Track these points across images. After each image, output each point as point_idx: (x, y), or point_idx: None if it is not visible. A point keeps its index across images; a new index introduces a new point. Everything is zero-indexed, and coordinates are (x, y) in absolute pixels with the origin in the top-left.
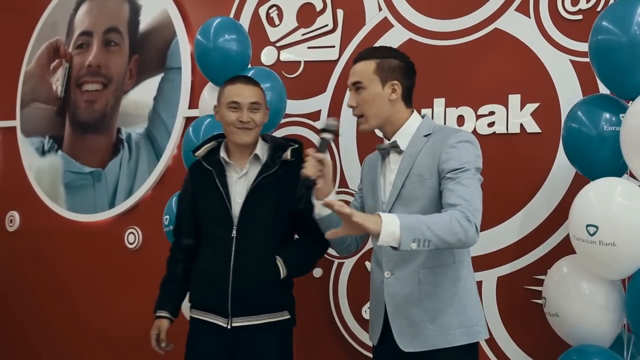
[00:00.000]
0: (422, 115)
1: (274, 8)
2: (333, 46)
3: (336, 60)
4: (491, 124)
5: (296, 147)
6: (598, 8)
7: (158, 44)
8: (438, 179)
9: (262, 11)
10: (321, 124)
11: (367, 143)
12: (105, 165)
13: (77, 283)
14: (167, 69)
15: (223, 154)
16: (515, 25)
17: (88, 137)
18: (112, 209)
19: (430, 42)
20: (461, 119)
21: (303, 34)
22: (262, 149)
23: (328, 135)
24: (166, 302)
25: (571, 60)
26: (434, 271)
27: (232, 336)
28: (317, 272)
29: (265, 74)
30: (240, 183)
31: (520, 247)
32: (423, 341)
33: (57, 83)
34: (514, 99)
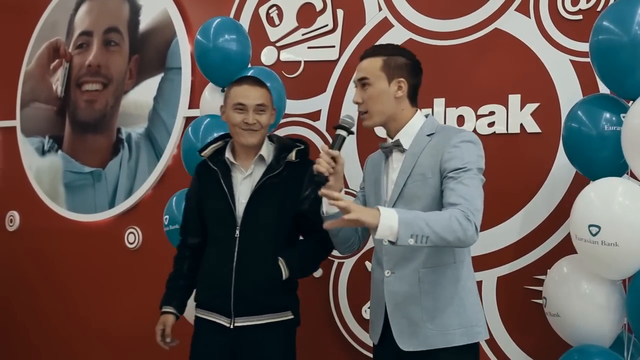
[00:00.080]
0: (426, 114)
1: (274, 8)
2: (333, 46)
3: (336, 60)
4: (491, 124)
5: (302, 148)
6: (598, 8)
7: (158, 44)
8: (440, 178)
9: (262, 11)
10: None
11: (367, 143)
12: (105, 165)
13: (77, 283)
14: (167, 69)
15: (228, 155)
16: (515, 25)
17: (88, 137)
18: (112, 209)
19: (430, 42)
20: (461, 119)
21: (303, 34)
22: (268, 150)
23: (343, 132)
24: (172, 298)
25: (571, 60)
26: (434, 270)
27: (235, 336)
28: (317, 272)
29: (265, 74)
30: (244, 183)
31: (520, 247)
32: (423, 341)
33: (57, 83)
34: (514, 99)
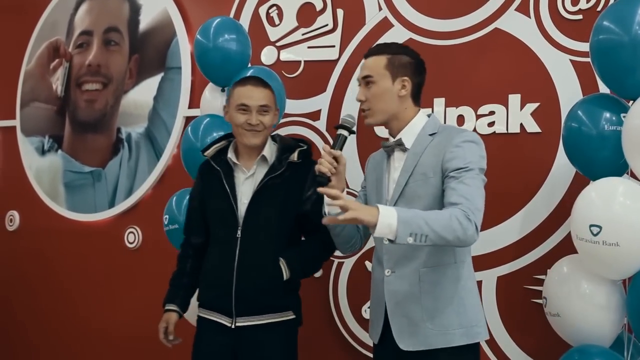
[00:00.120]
0: (428, 114)
1: (274, 8)
2: (333, 46)
3: (336, 59)
4: (491, 124)
5: (304, 149)
6: (598, 8)
7: (158, 44)
8: (442, 178)
9: (262, 11)
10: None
11: (367, 143)
12: (105, 164)
13: (77, 282)
14: (167, 69)
15: (231, 155)
16: (515, 25)
17: (88, 137)
18: (112, 209)
19: (430, 42)
20: (461, 119)
21: (303, 34)
22: (271, 150)
23: (344, 132)
24: (175, 296)
25: (571, 60)
26: (435, 270)
27: (236, 336)
28: (317, 272)
29: (265, 74)
30: (247, 184)
31: (520, 247)
32: (423, 340)
33: (57, 82)
34: (514, 99)
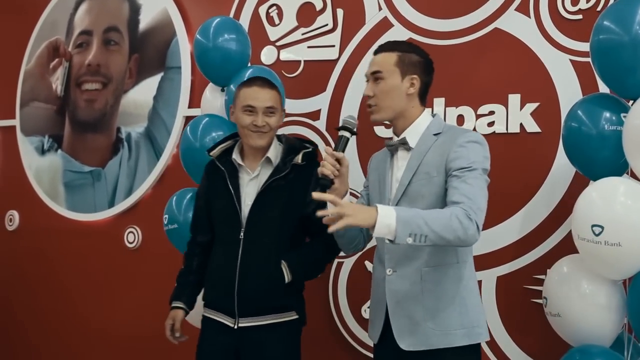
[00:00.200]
0: (433, 114)
1: (274, 7)
2: (333, 45)
3: (336, 59)
4: (491, 124)
5: (309, 151)
6: (598, 8)
7: (158, 43)
8: (445, 177)
9: (262, 10)
10: (340, 122)
11: (367, 144)
12: (105, 164)
13: (77, 282)
14: (167, 68)
15: (235, 156)
16: (515, 25)
17: (88, 137)
18: (112, 208)
19: (430, 42)
20: (461, 119)
21: (303, 34)
22: (276, 151)
23: (346, 133)
24: (181, 293)
25: (571, 60)
26: (437, 270)
27: (239, 336)
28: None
29: (264, 74)
30: (251, 185)
31: (519, 247)
32: (424, 340)
33: (57, 82)
34: (514, 99)
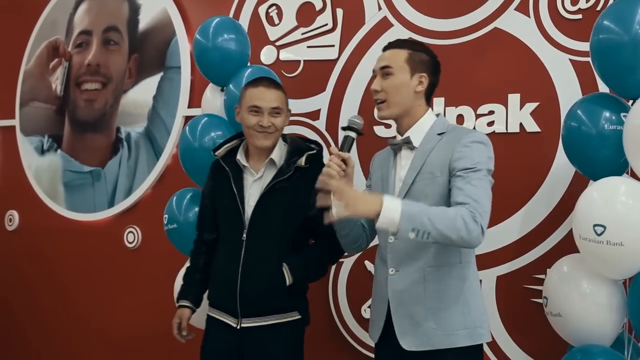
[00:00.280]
0: (437, 113)
1: (274, 7)
2: (333, 45)
3: (336, 59)
4: (491, 124)
5: (313, 152)
6: (598, 7)
7: (157, 43)
8: (448, 177)
9: (262, 10)
10: (345, 122)
11: (367, 144)
12: (104, 164)
13: (77, 282)
14: (167, 68)
15: (240, 157)
16: (515, 24)
17: (87, 136)
18: (112, 208)
19: (429, 42)
20: (461, 119)
21: (303, 33)
22: (280, 152)
23: (352, 133)
24: (188, 292)
25: (571, 59)
26: (440, 270)
27: (241, 335)
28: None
29: (264, 73)
30: (254, 186)
31: (519, 247)
32: (426, 341)
33: (57, 82)
34: (514, 99)
